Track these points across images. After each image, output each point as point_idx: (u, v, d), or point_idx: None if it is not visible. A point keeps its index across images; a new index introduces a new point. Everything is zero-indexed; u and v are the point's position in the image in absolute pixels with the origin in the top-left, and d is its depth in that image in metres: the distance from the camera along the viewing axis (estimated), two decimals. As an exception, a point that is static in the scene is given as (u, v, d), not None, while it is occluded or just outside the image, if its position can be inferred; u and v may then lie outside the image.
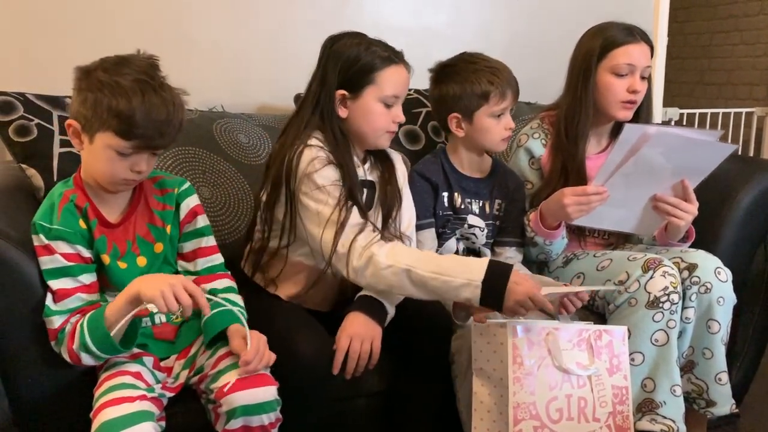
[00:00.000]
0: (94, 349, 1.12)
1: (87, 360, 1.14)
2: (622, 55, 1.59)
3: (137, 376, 1.18)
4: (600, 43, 1.61)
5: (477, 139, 1.59)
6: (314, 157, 1.34)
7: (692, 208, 1.51)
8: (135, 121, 1.11)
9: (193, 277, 1.32)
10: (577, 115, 1.64)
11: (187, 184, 1.33)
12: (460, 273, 1.25)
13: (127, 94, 1.11)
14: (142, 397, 1.13)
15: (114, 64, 1.15)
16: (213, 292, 1.30)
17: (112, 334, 1.11)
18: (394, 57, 1.40)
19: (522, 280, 1.24)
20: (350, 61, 1.37)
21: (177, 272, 1.32)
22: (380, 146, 1.46)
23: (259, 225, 1.45)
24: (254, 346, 1.18)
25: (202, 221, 1.33)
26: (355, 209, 1.34)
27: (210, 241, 1.34)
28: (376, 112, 1.40)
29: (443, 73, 1.60)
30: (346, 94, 1.39)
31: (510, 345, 1.30)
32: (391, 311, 1.38)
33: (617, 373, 1.36)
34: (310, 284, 1.44)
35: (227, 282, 1.34)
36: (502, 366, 1.32)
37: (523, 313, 1.26)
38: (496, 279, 1.24)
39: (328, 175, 1.34)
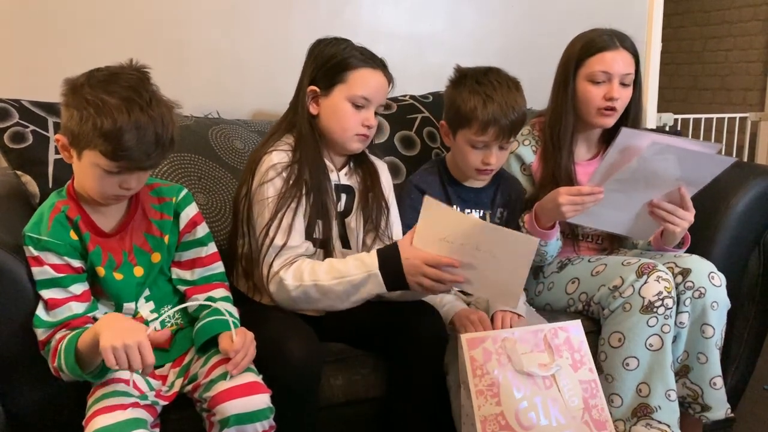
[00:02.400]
0: (68, 372, 1.11)
1: (67, 378, 1.13)
2: (598, 63, 1.60)
3: (130, 383, 1.17)
4: (578, 51, 1.63)
5: (456, 156, 1.57)
6: (271, 165, 1.36)
7: (689, 216, 1.52)
8: (121, 142, 1.08)
9: (188, 286, 1.31)
10: (558, 123, 1.65)
11: (184, 192, 1.31)
12: (357, 269, 1.27)
13: (113, 113, 1.07)
14: (135, 405, 1.12)
15: (101, 80, 1.11)
16: (211, 300, 1.29)
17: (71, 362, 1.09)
18: (371, 61, 1.41)
19: (411, 252, 1.23)
20: (325, 59, 1.40)
21: (170, 279, 1.31)
22: (352, 150, 1.45)
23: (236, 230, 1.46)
24: (240, 338, 1.18)
25: (202, 230, 1.31)
26: (283, 227, 1.33)
27: (210, 249, 1.32)
28: (344, 112, 1.39)
29: (456, 76, 1.56)
30: (317, 90, 1.40)
31: (467, 358, 1.28)
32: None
33: (582, 368, 1.34)
34: None
35: (223, 292, 1.33)
36: None
37: (428, 284, 1.23)
38: (390, 261, 1.24)
39: (278, 187, 1.35)
